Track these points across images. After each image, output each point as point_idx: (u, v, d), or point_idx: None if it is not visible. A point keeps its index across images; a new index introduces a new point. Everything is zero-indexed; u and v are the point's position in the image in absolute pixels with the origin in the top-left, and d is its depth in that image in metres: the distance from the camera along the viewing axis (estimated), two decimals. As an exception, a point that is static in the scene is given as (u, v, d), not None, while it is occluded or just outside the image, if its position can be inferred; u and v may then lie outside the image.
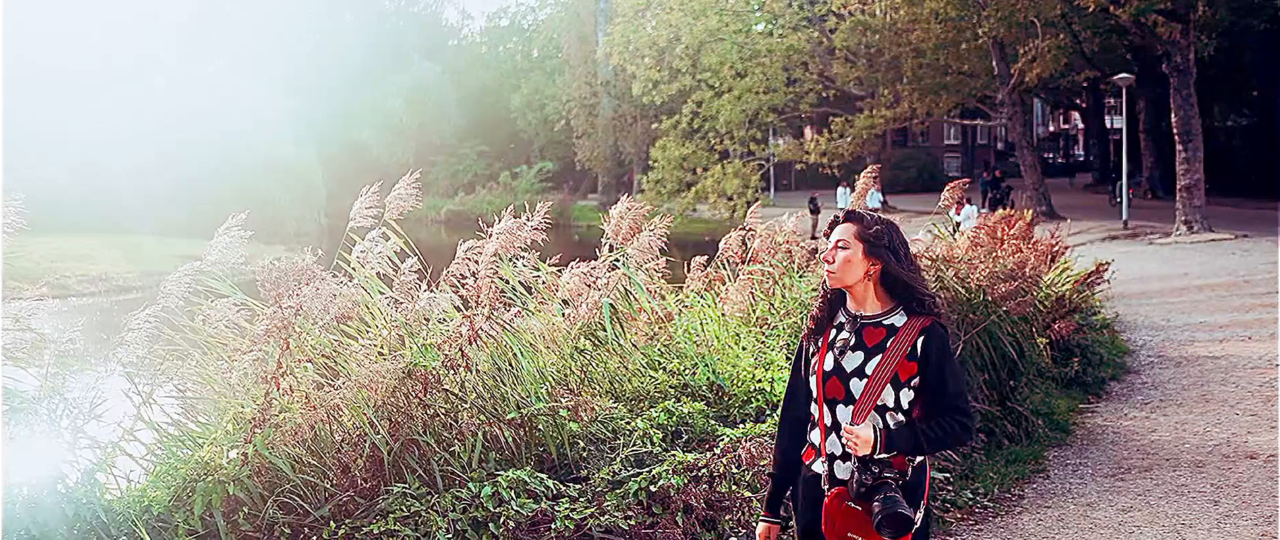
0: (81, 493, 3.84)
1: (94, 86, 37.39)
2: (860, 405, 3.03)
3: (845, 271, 3.09)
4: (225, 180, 34.10)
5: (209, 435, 4.29)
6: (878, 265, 3.08)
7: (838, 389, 3.08)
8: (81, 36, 41.62)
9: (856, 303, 3.14)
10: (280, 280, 4.29)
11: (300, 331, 4.37)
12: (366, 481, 4.48)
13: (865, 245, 3.08)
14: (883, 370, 3.02)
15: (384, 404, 4.57)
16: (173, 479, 4.11)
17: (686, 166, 35.75)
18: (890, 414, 3.04)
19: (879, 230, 3.11)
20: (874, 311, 3.12)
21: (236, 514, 4.06)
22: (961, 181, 9.18)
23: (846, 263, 3.08)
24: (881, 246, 3.08)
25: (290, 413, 4.22)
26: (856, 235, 3.11)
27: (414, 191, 5.20)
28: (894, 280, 3.09)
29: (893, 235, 3.12)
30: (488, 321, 4.90)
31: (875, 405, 3.02)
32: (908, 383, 3.05)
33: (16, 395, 4.05)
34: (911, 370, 3.04)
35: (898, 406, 3.05)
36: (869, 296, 3.11)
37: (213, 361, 4.59)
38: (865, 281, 3.10)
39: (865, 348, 3.08)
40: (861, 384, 3.04)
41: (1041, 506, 6.28)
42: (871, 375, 3.03)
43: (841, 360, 3.09)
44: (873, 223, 3.12)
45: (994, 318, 7.81)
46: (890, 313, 3.10)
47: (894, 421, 3.05)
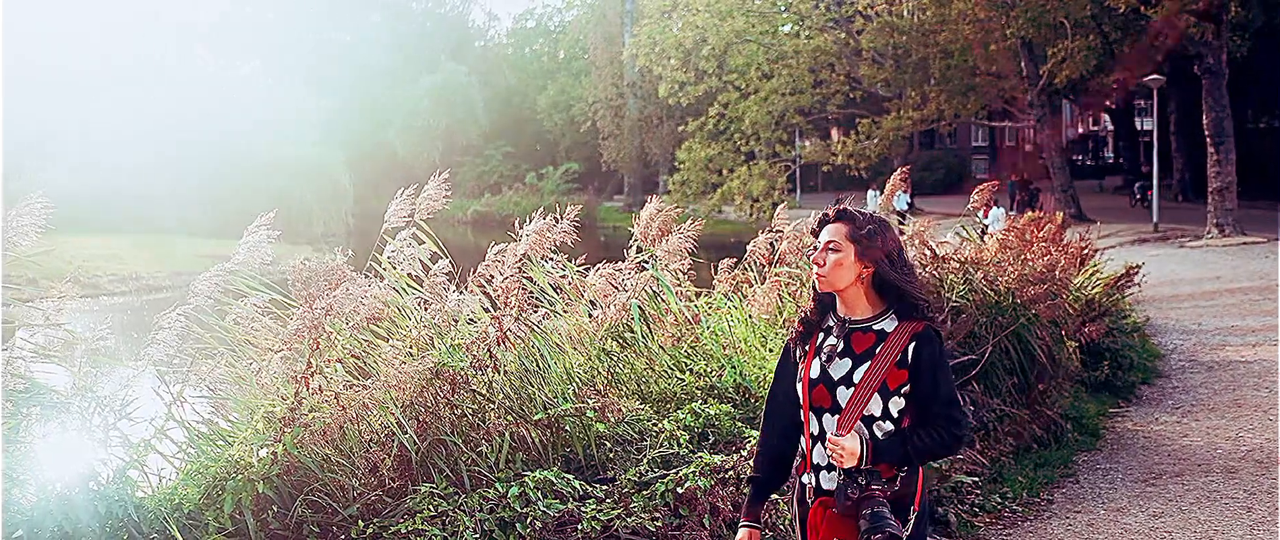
0: (114, 490, 3.87)
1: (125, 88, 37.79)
2: (846, 415, 2.90)
3: (835, 274, 2.94)
4: (254, 181, 34.39)
5: (239, 434, 4.32)
6: (870, 268, 2.94)
7: (824, 397, 2.95)
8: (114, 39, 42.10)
9: (846, 307, 2.99)
10: (311, 280, 4.31)
11: (331, 332, 4.39)
12: (394, 481, 4.49)
13: (857, 246, 2.93)
14: (871, 378, 2.89)
15: (412, 404, 4.59)
16: (203, 477, 4.14)
17: (712, 168, 35.72)
18: (878, 424, 2.91)
19: (872, 230, 2.95)
20: (864, 316, 2.98)
21: (266, 512, 4.09)
22: (990, 183, 9.12)
23: (837, 265, 2.94)
24: (874, 248, 2.93)
25: (320, 412, 4.24)
26: (848, 236, 2.94)
27: (444, 192, 5.21)
28: (887, 283, 2.95)
29: (886, 236, 2.97)
30: (516, 322, 4.91)
31: (862, 415, 2.90)
32: (898, 391, 2.92)
33: (50, 393, 4.09)
34: (902, 378, 2.91)
35: (886, 416, 2.92)
36: (860, 300, 2.97)
37: (243, 361, 4.62)
38: (857, 285, 2.95)
39: (853, 354, 2.94)
40: (848, 393, 2.91)
41: (1071, 511, 6.22)
42: (859, 383, 2.90)
43: (828, 367, 2.96)
44: (865, 222, 2.96)
45: (1023, 320, 7.75)
46: (881, 317, 2.97)
47: (882, 432, 2.92)
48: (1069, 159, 43.29)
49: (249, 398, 4.46)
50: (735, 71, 35.36)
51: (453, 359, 4.72)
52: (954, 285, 7.75)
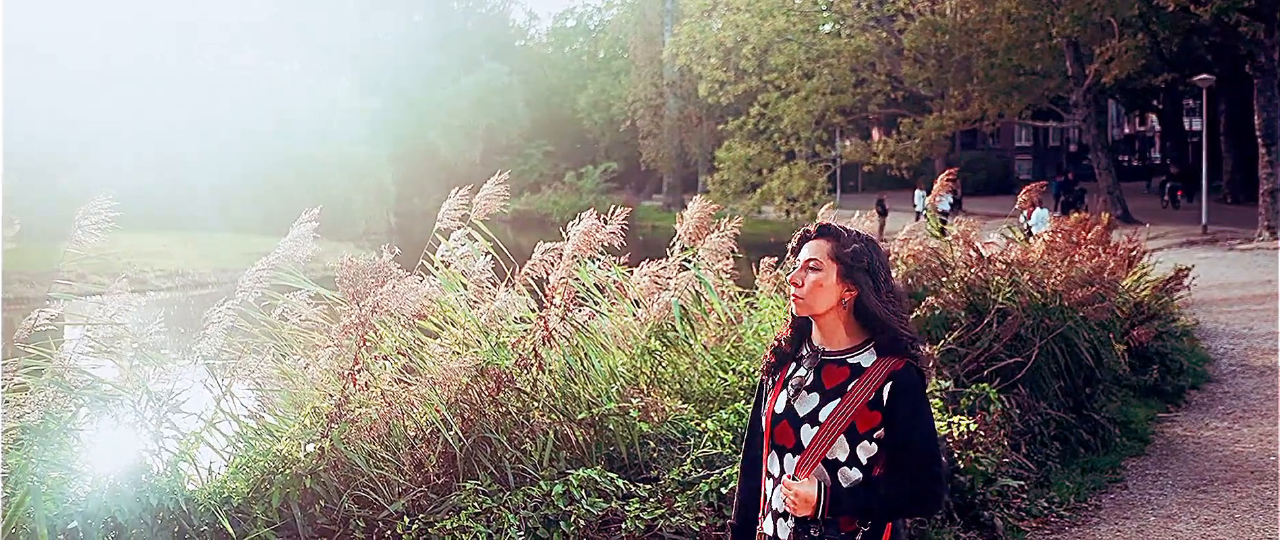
0: (165, 482, 3.92)
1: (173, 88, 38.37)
2: (806, 457, 2.61)
3: (815, 297, 2.64)
4: (299, 179, 34.78)
5: (286, 429, 4.36)
6: (853, 292, 2.63)
7: (787, 434, 2.66)
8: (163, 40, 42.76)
9: (823, 335, 2.69)
10: (358, 277, 4.34)
11: (378, 329, 4.42)
12: (439, 477, 4.52)
13: (841, 267, 2.63)
14: (838, 418, 2.59)
15: (457, 401, 4.61)
16: (251, 471, 4.18)
17: (752, 167, 35.62)
18: (843, 470, 2.61)
19: (858, 250, 2.64)
20: (840, 347, 2.67)
21: (313, 507, 4.12)
22: (1038, 185, 9.02)
23: (817, 287, 2.63)
24: (859, 269, 2.62)
25: (366, 408, 4.27)
26: (831, 254, 2.64)
27: (501, 192, 5.24)
28: (869, 312, 2.63)
29: (873, 256, 2.65)
30: (561, 321, 4.92)
31: (824, 458, 2.61)
32: (868, 435, 2.59)
33: (101, 386, 4.15)
34: (873, 421, 2.59)
35: (853, 462, 2.61)
36: (838, 329, 2.67)
37: (291, 356, 4.66)
38: (837, 310, 2.65)
39: (822, 389, 2.64)
40: (812, 432, 2.61)
41: (1120, 517, 6.13)
42: (824, 423, 2.60)
43: (794, 402, 2.66)
44: (851, 240, 2.66)
45: (1070, 323, 7.65)
46: (858, 349, 2.65)
47: (847, 480, 2.61)
48: (1115, 160, 42.70)
49: (296, 393, 4.50)
50: (776, 71, 35.21)
51: (498, 357, 4.73)
52: (1000, 287, 7.67)
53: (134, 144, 34.20)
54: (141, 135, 34.66)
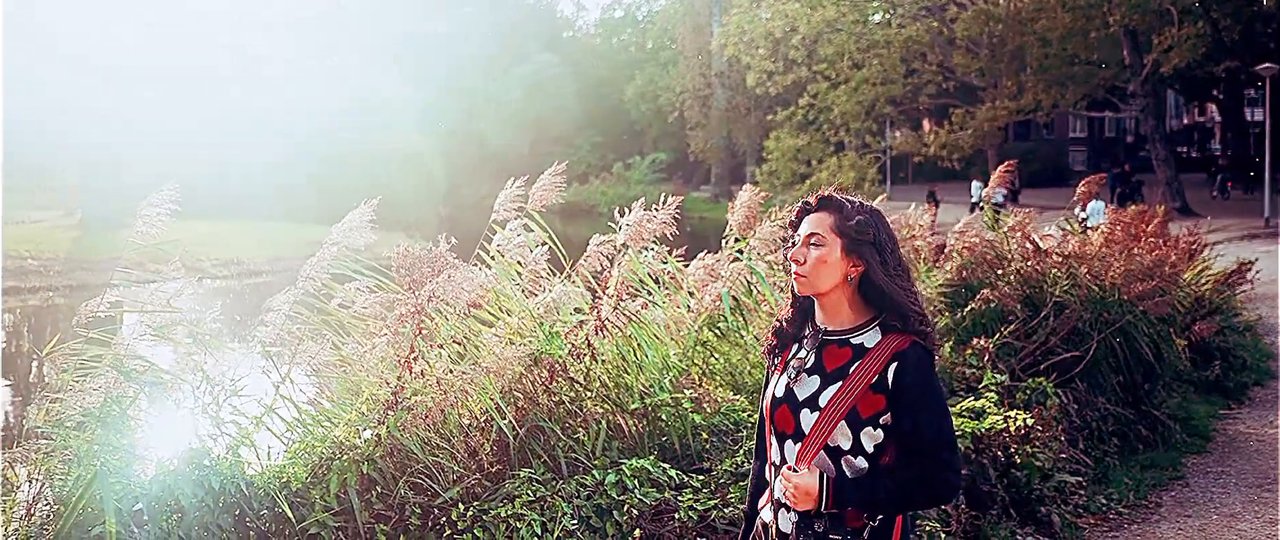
0: (225, 467, 3.98)
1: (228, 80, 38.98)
2: (806, 445, 2.44)
3: (818, 273, 2.46)
4: (351, 169, 35.19)
5: (343, 415, 4.41)
6: (859, 267, 2.46)
7: (787, 420, 2.49)
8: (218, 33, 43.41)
9: (825, 314, 2.52)
10: (414, 266, 4.38)
11: (433, 317, 4.45)
12: (493, 465, 4.54)
13: (845, 240, 2.46)
14: (839, 402, 2.42)
15: (511, 390, 4.63)
16: (310, 457, 4.23)
17: (800, 158, 35.44)
18: (847, 459, 2.44)
19: (863, 222, 2.47)
20: (842, 326, 2.50)
21: (370, 492, 4.16)
22: (1097, 176, 8.87)
23: (820, 263, 2.46)
24: (865, 243, 2.45)
25: (422, 395, 4.30)
26: (834, 228, 2.47)
27: (559, 183, 5.26)
28: (876, 288, 2.45)
29: (879, 228, 2.48)
30: (614, 312, 4.92)
31: (824, 446, 2.44)
32: (873, 420, 2.42)
33: (164, 372, 4.22)
34: (878, 405, 2.41)
35: (857, 450, 2.43)
36: (842, 307, 2.50)
37: (348, 344, 4.71)
38: (841, 287, 2.48)
39: (823, 372, 2.47)
40: (813, 417, 2.44)
41: (1181, 515, 6.01)
42: (825, 408, 2.43)
43: (794, 385, 2.50)
44: (855, 211, 2.49)
45: (1129, 317, 7.51)
46: (862, 329, 2.48)
47: (852, 469, 2.43)
48: (1173, 151, 41.85)
49: (354, 380, 4.55)
50: (825, 61, 34.97)
51: (551, 347, 4.75)
52: (1057, 280, 7.55)
53: (190, 137, 34.79)
54: (197, 128, 35.25)
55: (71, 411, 3.87)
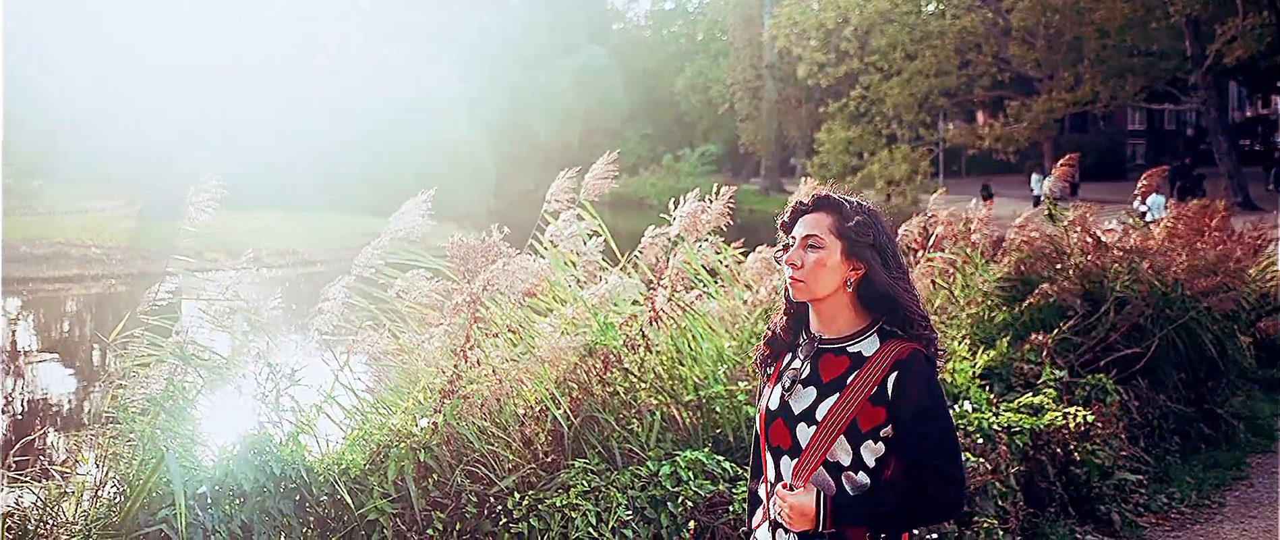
0: (286, 452, 4.04)
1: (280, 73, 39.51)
2: (803, 462, 2.31)
3: (816, 278, 2.33)
4: (401, 161, 35.52)
5: (401, 403, 4.45)
6: (859, 270, 2.33)
7: (782, 435, 2.36)
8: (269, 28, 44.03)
9: (821, 321, 2.39)
10: (469, 256, 4.40)
11: (489, 306, 4.48)
12: (547, 455, 4.57)
13: (845, 242, 2.33)
14: (837, 415, 2.28)
15: (565, 380, 4.64)
16: (367, 444, 4.28)
17: (852, 151, 35.16)
18: (847, 475, 2.31)
19: (863, 223, 2.34)
20: (840, 333, 2.37)
21: (426, 480, 4.20)
22: (1159, 169, 8.70)
23: (819, 266, 2.32)
24: (866, 245, 2.32)
25: (478, 384, 4.33)
26: (833, 229, 2.34)
27: (612, 172, 5.26)
28: (876, 292, 2.33)
29: (879, 229, 2.36)
30: (668, 303, 4.91)
31: (822, 461, 2.31)
32: (873, 434, 2.29)
33: (224, 360, 4.29)
34: (878, 417, 2.28)
35: (858, 465, 2.30)
36: (841, 313, 2.36)
37: (405, 332, 4.75)
38: (840, 292, 2.35)
39: (819, 383, 2.34)
40: (810, 432, 2.31)
41: (1245, 515, 5.88)
42: (822, 421, 2.29)
43: (789, 398, 2.37)
44: (854, 212, 2.36)
45: (1193, 314, 7.36)
46: (860, 336, 2.35)
47: (853, 485, 2.30)
48: (1236, 144, 40.90)
49: (410, 368, 4.59)
50: (877, 52, 34.63)
51: (606, 337, 4.75)
52: (1118, 274, 7.41)
53: (243, 129, 35.32)
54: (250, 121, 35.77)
55: (137, 397, 3.94)
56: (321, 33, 48.98)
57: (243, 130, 35.14)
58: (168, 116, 31.21)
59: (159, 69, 31.65)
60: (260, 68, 39.32)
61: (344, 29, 51.20)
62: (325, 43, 48.58)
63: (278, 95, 37.47)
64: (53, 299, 19.12)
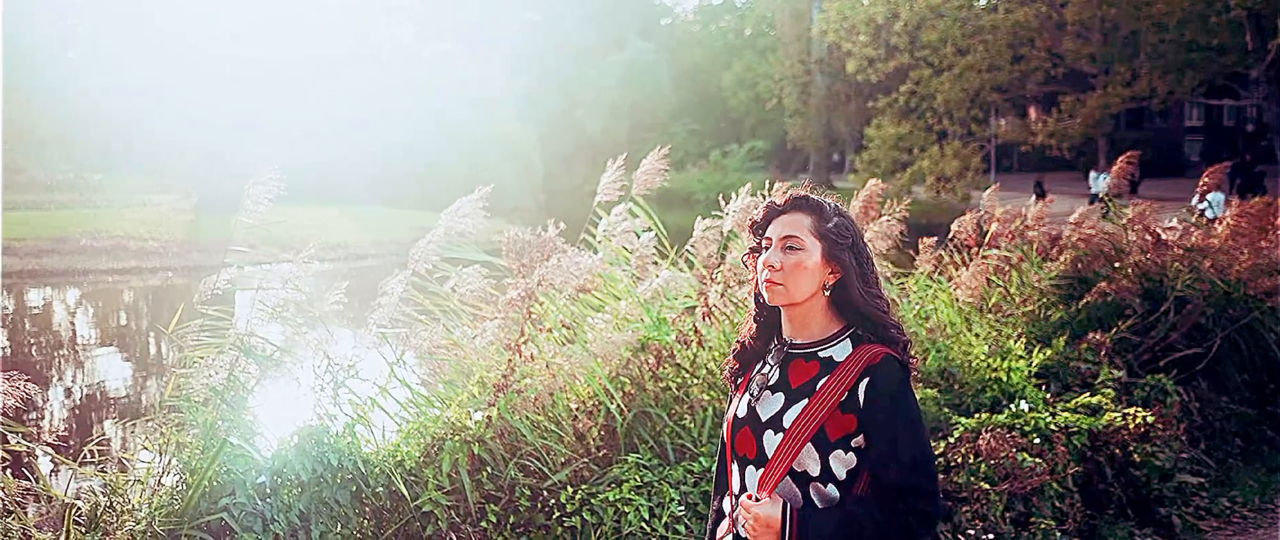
0: (342, 444, 4.09)
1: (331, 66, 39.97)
2: (769, 471, 2.20)
3: (796, 280, 2.22)
4: (451, 156, 35.79)
5: (455, 397, 4.48)
6: (836, 273, 2.24)
7: (749, 443, 2.25)
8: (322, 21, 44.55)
9: (793, 326, 2.29)
10: (524, 251, 4.42)
11: (542, 302, 4.50)
12: (600, 450, 4.58)
13: (825, 244, 2.23)
14: (805, 422, 2.17)
15: (618, 375, 4.65)
16: (423, 436, 4.32)
17: (902, 147, 34.86)
18: (816, 487, 2.18)
19: (842, 224, 2.26)
20: (811, 338, 2.27)
21: (480, 473, 4.23)
22: (1220, 166, 8.52)
23: (798, 269, 2.22)
24: (845, 247, 2.24)
25: (532, 379, 4.35)
26: (813, 230, 2.24)
27: (663, 166, 5.26)
28: (850, 296, 2.24)
29: (855, 231, 2.28)
30: (721, 299, 4.90)
31: (787, 471, 2.19)
32: (843, 443, 2.17)
33: (284, 352, 4.35)
34: (848, 426, 2.17)
35: (827, 476, 2.18)
36: (815, 318, 2.26)
37: (459, 326, 4.79)
38: (817, 296, 2.25)
39: (788, 388, 2.23)
40: (777, 440, 2.20)
41: (1311, 521, 5.74)
42: (789, 429, 2.18)
43: (757, 404, 2.26)
44: (832, 212, 2.28)
45: (1256, 313, 7.20)
46: (832, 341, 2.25)
47: (822, 498, 2.18)
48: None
49: (465, 362, 4.62)
50: (928, 47, 34.27)
51: (659, 333, 4.75)
52: (1178, 273, 7.27)
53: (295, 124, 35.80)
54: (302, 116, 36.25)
55: (199, 387, 4.01)
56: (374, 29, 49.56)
57: (296, 126, 35.61)
58: (224, 112, 31.74)
59: (215, 65, 32.21)
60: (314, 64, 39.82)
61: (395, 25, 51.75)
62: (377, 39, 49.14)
63: (329, 91, 37.91)
64: (111, 291, 19.52)
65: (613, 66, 54.13)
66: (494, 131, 39.76)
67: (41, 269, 20.46)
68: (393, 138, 36.71)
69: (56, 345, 13.65)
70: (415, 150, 36.65)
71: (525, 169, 40.87)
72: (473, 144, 38.17)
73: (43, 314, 17.07)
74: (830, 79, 47.99)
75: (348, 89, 38.16)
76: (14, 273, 20.07)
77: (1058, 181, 35.60)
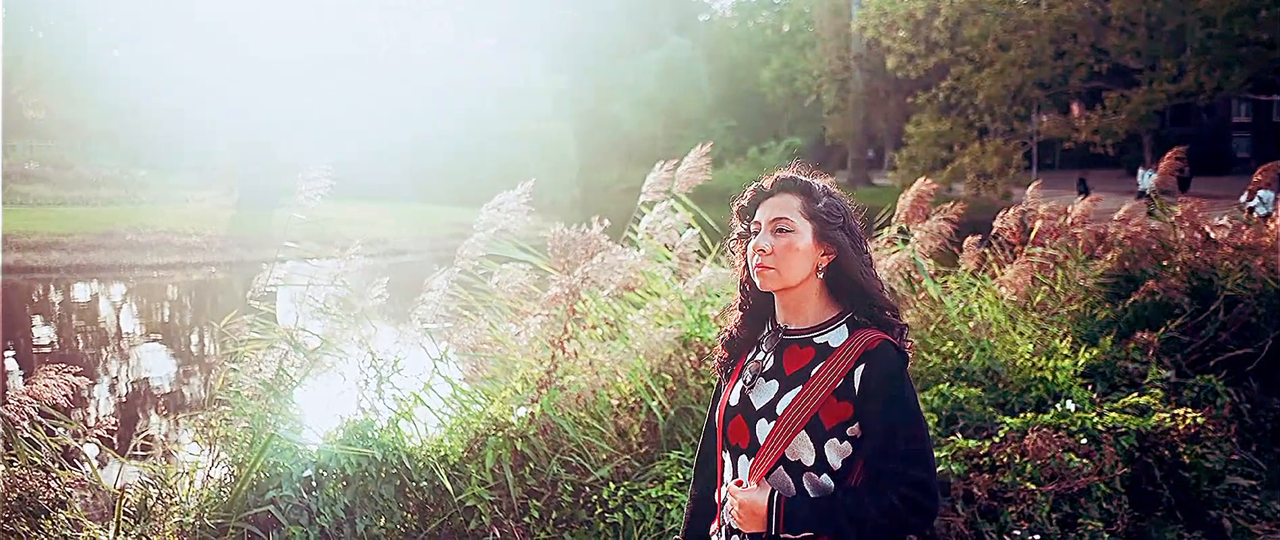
0: (387, 438, 4.11)
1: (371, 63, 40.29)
2: (760, 459, 2.13)
3: (789, 263, 2.15)
4: (489, 153, 35.95)
5: (498, 393, 4.50)
6: (830, 255, 2.17)
7: (741, 432, 2.18)
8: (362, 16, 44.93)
9: (787, 311, 2.21)
10: (569, 248, 4.43)
11: (585, 299, 4.50)
12: (642, 446, 4.57)
13: (816, 225, 2.16)
14: (798, 410, 2.10)
15: (660, 372, 4.64)
16: (466, 432, 4.34)
17: (942, 143, 34.53)
18: (810, 476, 2.11)
19: (833, 203, 2.19)
20: (807, 323, 2.20)
21: (523, 469, 4.24)
22: (1273, 164, 8.36)
23: (790, 251, 2.14)
24: (836, 227, 2.16)
25: (575, 376, 4.36)
26: (804, 211, 2.17)
27: (704, 164, 5.25)
28: (845, 277, 2.17)
29: (846, 210, 2.21)
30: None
31: (780, 459, 2.12)
32: (838, 431, 2.10)
33: (331, 347, 4.38)
34: (843, 414, 2.09)
35: (822, 465, 2.11)
36: (809, 302, 2.19)
37: (502, 323, 4.80)
38: (811, 280, 2.17)
39: (782, 375, 2.16)
40: (769, 427, 2.13)
41: (1366, 526, 5.61)
42: (781, 416, 2.11)
43: (750, 391, 2.19)
44: (822, 192, 2.20)
45: (1311, 313, 7.05)
46: (829, 326, 2.18)
47: (816, 488, 2.11)
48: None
49: (508, 358, 4.64)
50: (969, 43, 33.93)
51: (701, 330, 4.74)
52: (1229, 272, 7.14)
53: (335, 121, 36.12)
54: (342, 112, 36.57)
55: (248, 381, 4.05)
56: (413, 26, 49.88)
57: (335, 122, 35.93)
58: (265, 108, 32.11)
59: (257, 62, 32.57)
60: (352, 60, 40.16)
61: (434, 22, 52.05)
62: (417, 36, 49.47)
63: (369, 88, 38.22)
64: (156, 285, 19.81)
65: (650, 62, 54.09)
66: (530, 128, 39.90)
67: (89, 264, 20.81)
68: (430, 133, 36.96)
69: (102, 339, 13.87)
70: (452, 146, 36.88)
71: (561, 165, 40.97)
72: (508, 140, 38.33)
73: (90, 308, 17.36)
74: (869, 75, 47.68)
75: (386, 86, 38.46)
76: (62, 267, 20.43)
77: (1100, 179, 35.14)
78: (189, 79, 31.42)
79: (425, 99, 38.42)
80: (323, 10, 41.12)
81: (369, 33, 44.73)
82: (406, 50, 45.08)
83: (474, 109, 39.35)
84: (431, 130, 37.21)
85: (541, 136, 40.54)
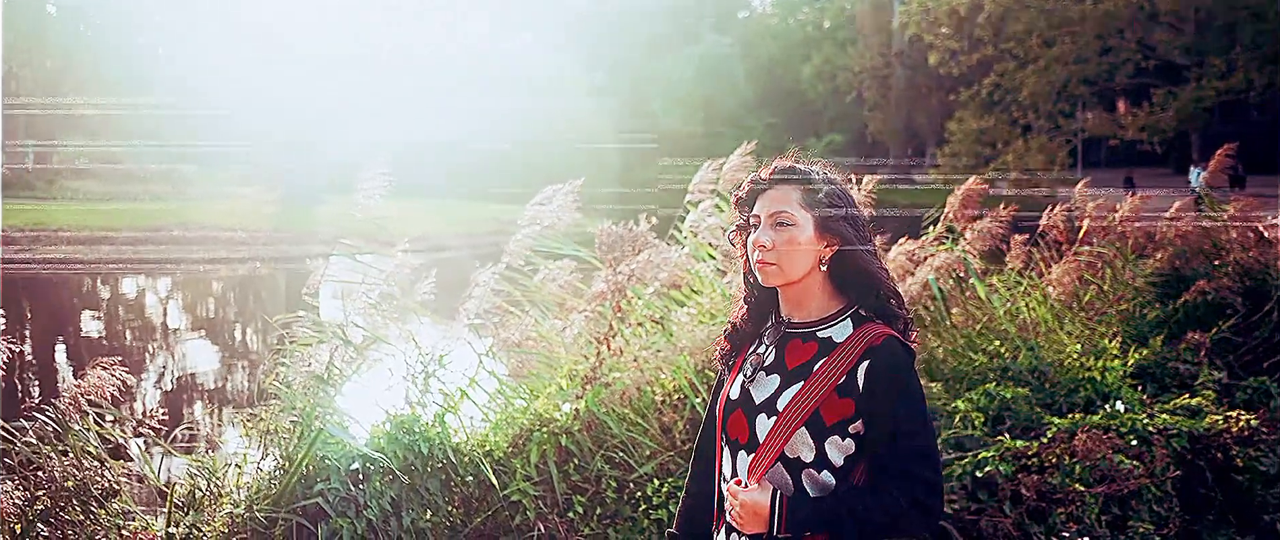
0: (433, 433, 4.14)
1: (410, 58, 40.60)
2: (760, 456, 2.07)
3: (790, 258, 2.09)
4: (527, 148, 36.09)
5: (543, 389, 4.51)
6: (833, 247, 2.10)
7: (741, 427, 2.12)
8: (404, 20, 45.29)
9: (790, 305, 2.15)
10: (615, 245, 4.43)
11: (631, 295, 4.50)
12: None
13: (818, 216, 2.09)
14: (798, 406, 2.04)
15: (704, 369, 4.63)
16: (511, 427, 4.36)
17: (985, 140, 34.18)
18: (809, 473, 2.05)
19: (835, 192, 2.12)
20: (810, 317, 2.13)
21: (568, 464, 4.25)
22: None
23: (791, 245, 2.08)
24: (839, 217, 2.09)
25: (620, 372, 4.36)
26: (804, 203, 2.10)
27: (750, 162, 5.24)
28: (850, 268, 2.11)
29: (848, 198, 2.14)
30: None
31: (780, 456, 2.06)
32: (840, 428, 2.04)
33: (379, 341, 4.42)
34: (846, 411, 2.03)
35: (822, 463, 2.05)
36: (812, 295, 2.13)
37: (548, 319, 4.82)
38: (814, 273, 2.11)
39: (783, 370, 2.10)
40: (769, 423, 2.07)
41: None
42: (782, 412, 2.05)
43: (750, 385, 2.13)
44: (822, 181, 2.13)
45: (1366, 315, 6.90)
46: (833, 321, 2.12)
47: (816, 486, 2.05)
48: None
49: (553, 355, 4.65)
50: (1013, 39, 33.55)
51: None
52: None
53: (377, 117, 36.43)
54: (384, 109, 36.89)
55: (298, 375, 4.10)
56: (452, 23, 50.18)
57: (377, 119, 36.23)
58: (308, 105, 32.48)
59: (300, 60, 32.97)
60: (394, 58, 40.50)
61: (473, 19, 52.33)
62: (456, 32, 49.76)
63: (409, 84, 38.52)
64: (201, 280, 20.10)
65: (688, 59, 54.01)
66: (568, 124, 40.01)
67: (137, 258, 21.16)
68: (469, 130, 37.18)
69: (149, 333, 14.09)
70: (491, 143, 37.08)
71: (599, 162, 41.02)
72: (547, 136, 38.45)
73: (137, 302, 17.65)
74: (911, 72, 47.27)
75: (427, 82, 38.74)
76: (111, 261, 20.79)
77: (1147, 177, 34.57)
78: (234, 79, 31.86)
79: (461, 96, 38.66)
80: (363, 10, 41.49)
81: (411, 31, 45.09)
82: (443, 48, 45.37)
83: (513, 105, 39.55)
84: (471, 126, 37.44)
85: (579, 133, 40.64)
